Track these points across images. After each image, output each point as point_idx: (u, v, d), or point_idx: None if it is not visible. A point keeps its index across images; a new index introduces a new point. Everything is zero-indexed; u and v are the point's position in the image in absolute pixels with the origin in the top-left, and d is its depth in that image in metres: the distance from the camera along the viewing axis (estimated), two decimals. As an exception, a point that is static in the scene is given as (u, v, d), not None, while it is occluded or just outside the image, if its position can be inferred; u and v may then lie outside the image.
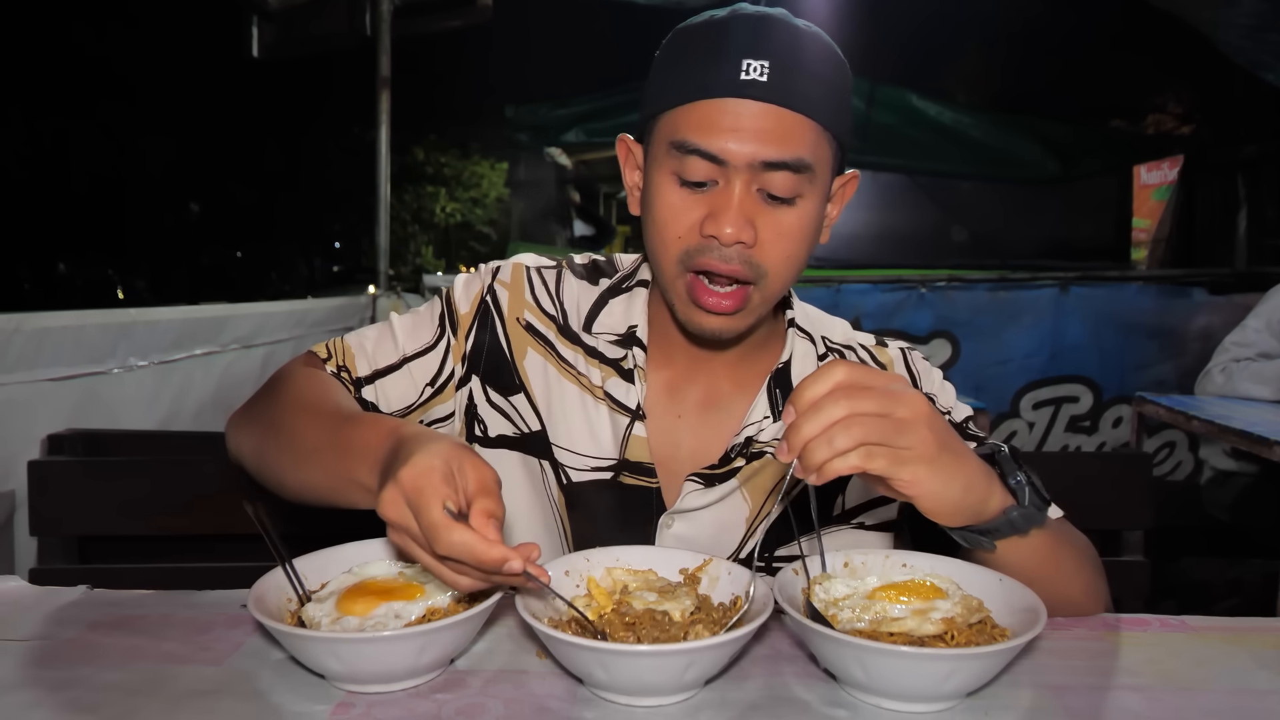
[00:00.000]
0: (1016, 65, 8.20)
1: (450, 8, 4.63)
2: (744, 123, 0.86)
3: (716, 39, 0.89)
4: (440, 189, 18.74)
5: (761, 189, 0.88)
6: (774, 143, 0.86)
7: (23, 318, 2.08)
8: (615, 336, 1.04)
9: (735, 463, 1.01)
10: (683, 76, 0.89)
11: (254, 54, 4.45)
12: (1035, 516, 0.81)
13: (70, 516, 1.38)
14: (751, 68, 0.85)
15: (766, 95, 0.86)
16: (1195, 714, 0.70)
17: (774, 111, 0.86)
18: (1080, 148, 6.27)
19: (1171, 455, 4.42)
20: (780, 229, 0.89)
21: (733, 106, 0.86)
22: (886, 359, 1.11)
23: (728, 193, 0.87)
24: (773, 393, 1.02)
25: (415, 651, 0.70)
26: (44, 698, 0.70)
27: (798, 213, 0.90)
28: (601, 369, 1.03)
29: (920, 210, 7.19)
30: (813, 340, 1.08)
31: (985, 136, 6.00)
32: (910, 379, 1.08)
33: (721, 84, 0.86)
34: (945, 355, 4.52)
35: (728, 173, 0.87)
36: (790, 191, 0.88)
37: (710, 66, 0.87)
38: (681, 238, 0.90)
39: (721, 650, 0.69)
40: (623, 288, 1.07)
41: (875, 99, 5.90)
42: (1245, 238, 6.17)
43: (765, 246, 0.89)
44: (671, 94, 0.90)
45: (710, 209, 0.88)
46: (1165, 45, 6.43)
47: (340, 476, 0.82)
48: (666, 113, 0.91)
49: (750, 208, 0.88)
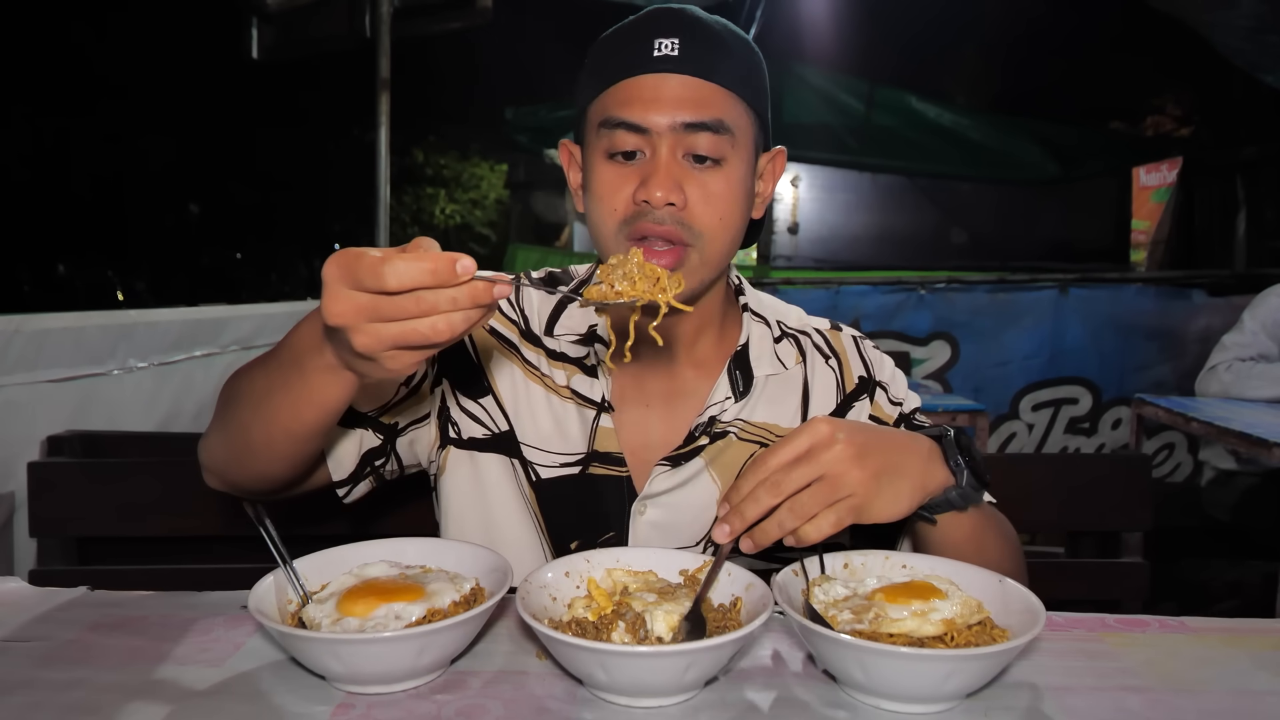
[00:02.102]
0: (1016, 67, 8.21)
1: (450, 8, 4.63)
2: (663, 93, 0.93)
3: (632, 28, 0.97)
4: (440, 191, 18.74)
5: (687, 153, 0.94)
6: (691, 106, 0.93)
7: (23, 319, 2.08)
8: (577, 336, 1.07)
9: (699, 441, 1.04)
10: (604, 65, 0.97)
11: (254, 55, 4.45)
12: (972, 496, 0.90)
13: (70, 518, 1.38)
14: (663, 45, 0.93)
15: (680, 67, 0.93)
16: (1194, 715, 0.70)
17: (689, 81, 0.94)
18: (1080, 149, 6.29)
19: (1171, 456, 4.43)
20: (708, 191, 0.94)
21: (651, 81, 0.94)
22: (839, 344, 1.15)
23: (655, 159, 0.93)
24: (733, 374, 1.06)
25: (415, 652, 0.70)
26: (44, 698, 0.70)
27: (724, 175, 0.95)
28: (565, 368, 1.06)
29: (920, 212, 7.20)
30: (768, 324, 1.12)
31: (985, 138, 6.02)
32: (863, 366, 1.13)
33: (638, 63, 0.94)
34: (945, 357, 4.53)
35: (653, 141, 0.93)
36: (714, 151, 0.94)
37: (627, 50, 0.95)
38: (617, 210, 0.95)
39: (721, 651, 0.69)
40: (579, 292, 1.10)
41: (875, 101, 5.92)
42: (1244, 239, 6.18)
43: (695, 208, 0.94)
44: (596, 82, 0.98)
45: (641, 177, 0.94)
46: (1164, 47, 6.43)
47: (297, 377, 0.81)
48: (594, 101, 0.98)
49: (677, 171, 0.93)
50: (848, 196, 7.08)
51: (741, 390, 1.06)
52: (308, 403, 0.82)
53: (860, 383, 1.12)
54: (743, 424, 1.06)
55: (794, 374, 1.10)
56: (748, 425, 1.06)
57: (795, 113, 5.98)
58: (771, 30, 5.88)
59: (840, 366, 1.13)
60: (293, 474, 0.95)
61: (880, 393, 1.12)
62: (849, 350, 1.14)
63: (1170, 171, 5.91)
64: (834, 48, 6.51)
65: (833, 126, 5.95)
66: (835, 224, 7.32)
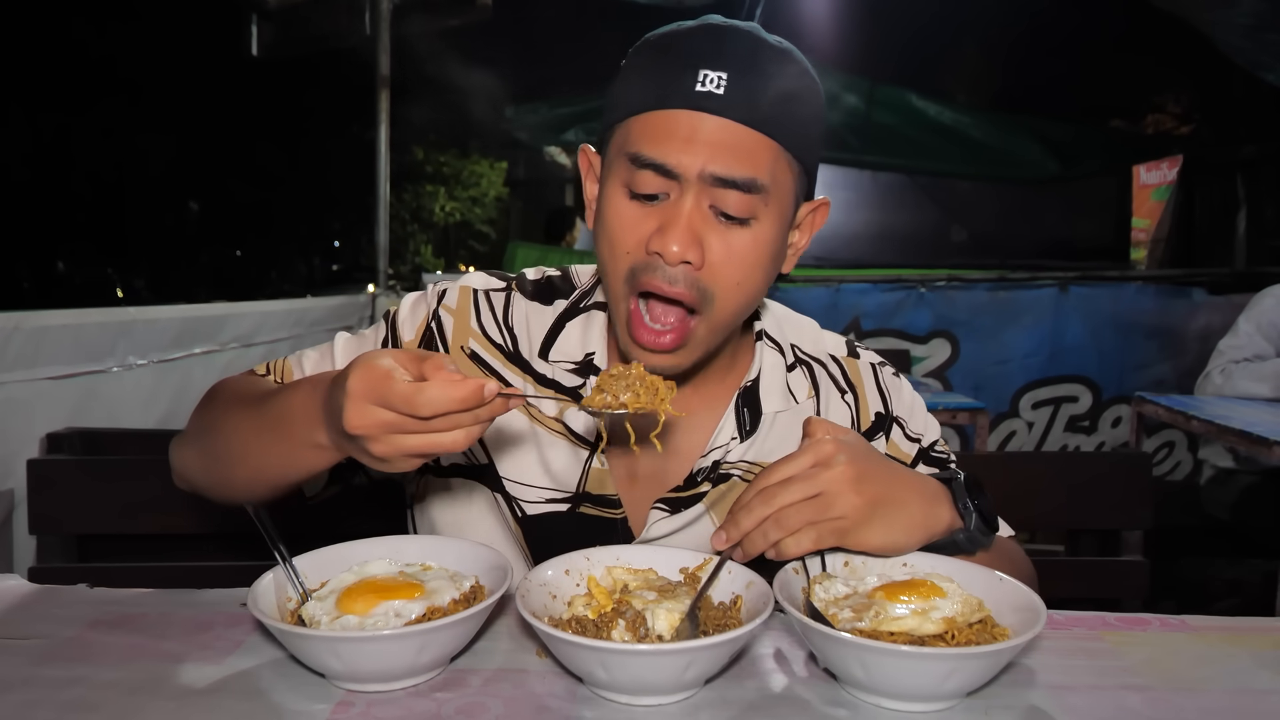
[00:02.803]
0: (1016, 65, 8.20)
1: (450, 7, 4.62)
2: (697, 135, 0.82)
3: (677, 48, 0.85)
4: (439, 188, 18.72)
5: (714, 205, 0.84)
6: (725, 158, 0.82)
7: (22, 316, 2.08)
8: (572, 365, 0.99)
9: (701, 487, 0.98)
10: (640, 86, 0.86)
11: (253, 53, 4.45)
12: (980, 540, 0.89)
13: (69, 515, 1.38)
14: (708, 79, 0.82)
15: (722, 109, 0.82)
16: (1195, 713, 0.70)
17: (729, 126, 0.82)
18: (1080, 147, 6.28)
19: (1171, 455, 4.42)
20: (731, 249, 0.85)
21: (687, 118, 0.83)
22: (856, 375, 1.07)
23: (677, 206, 0.84)
24: (740, 412, 0.99)
25: (415, 650, 0.70)
26: (44, 696, 0.70)
27: (752, 235, 0.85)
28: (557, 400, 0.98)
29: (920, 210, 7.19)
30: (781, 350, 1.04)
31: (985, 136, 6.01)
32: (880, 397, 1.06)
33: (677, 94, 0.83)
34: (945, 355, 4.52)
35: (679, 186, 0.84)
36: (743, 211, 0.84)
37: (667, 76, 0.84)
38: (630, 253, 0.86)
39: (721, 649, 0.69)
40: (580, 308, 1.01)
41: (875, 99, 5.91)
42: (1244, 238, 6.18)
43: (714, 268, 0.85)
44: (628, 103, 0.87)
45: (660, 222, 0.84)
46: (1165, 45, 6.42)
47: (286, 446, 0.82)
48: (622, 122, 0.88)
49: (699, 224, 0.84)
50: (848, 194, 7.07)
51: (749, 429, 0.99)
52: (293, 467, 0.83)
53: (876, 420, 1.05)
54: (748, 465, 0.99)
55: (805, 409, 1.02)
56: (753, 467, 0.99)
57: (795, 111, 5.97)
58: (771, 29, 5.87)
59: (856, 401, 1.06)
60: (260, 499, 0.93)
61: (897, 429, 1.06)
62: (866, 382, 1.07)
63: (1170, 170, 5.90)
64: (834, 46, 6.50)
65: (833, 125, 5.94)
66: (835, 222, 7.29)
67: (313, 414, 0.78)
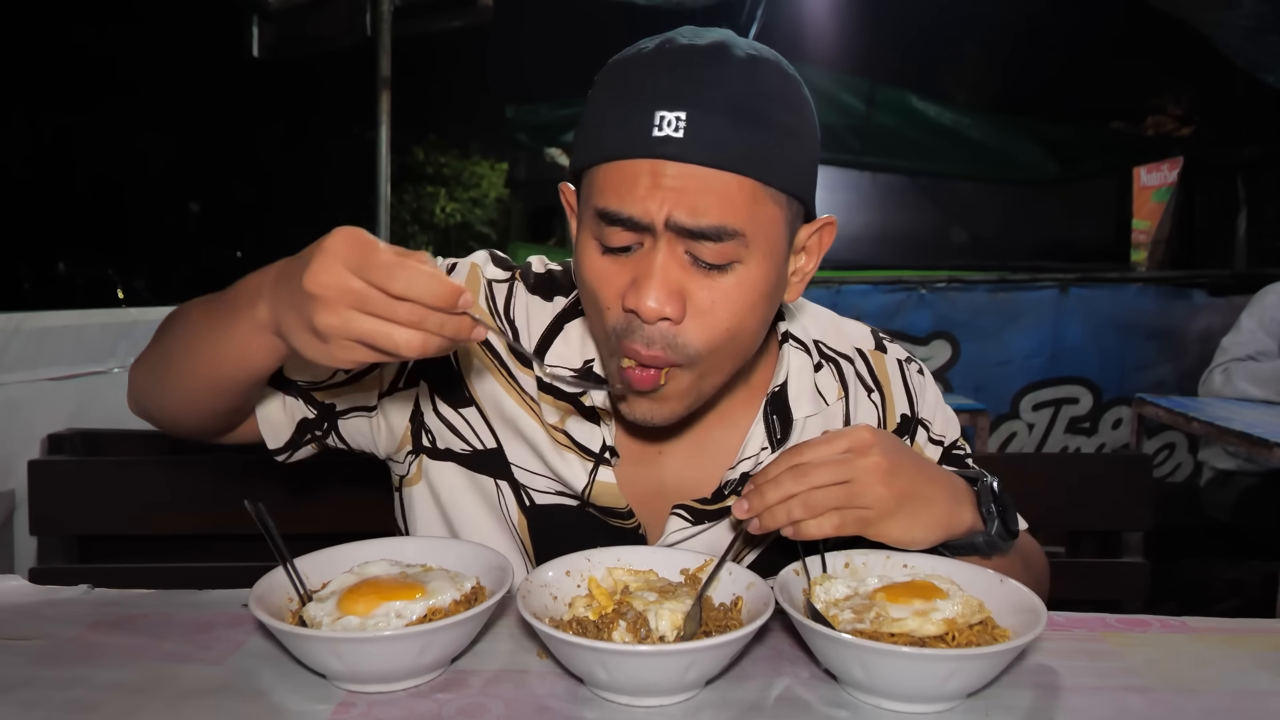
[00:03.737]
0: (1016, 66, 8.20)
1: (450, 8, 4.63)
2: (660, 184, 0.74)
3: (634, 82, 0.77)
4: (440, 189, 18.72)
5: (689, 253, 0.77)
6: (691, 206, 0.74)
7: (23, 317, 2.08)
8: (571, 372, 0.92)
9: (729, 500, 0.93)
10: (602, 129, 0.78)
11: (254, 53, 4.45)
12: (999, 545, 0.88)
13: (70, 516, 1.38)
14: (665, 121, 0.73)
15: (683, 154, 0.73)
16: (1196, 715, 0.70)
17: (693, 172, 0.74)
18: (1080, 149, 6.29)
19: (1171, 456, 4.42)
20: (714, 297, 0.77)
21: (648, 167, 0.74)
22: (882, 372, 1.03)
23: (650, 258, 0.76)
24: (769, 420, 0.94)
25: (416, 651, 0.70)
26: (45, 697, 0.70)
27: (736, 279, 0.77)
28: (558, 406, 0.91)
29: (920, 211, 7.19)
30: (807, 350, 0.98)
31: (985, 137, 6.02)
32: (907, 397, 1.03)
33: (636, 141, 0.74)
34: (945, 356, 4.52)
35: (650, 236, 0.76)
36: (721, 259, 0.76)
37: (626, 119, 0.75)
38: (609, 308, 0.80)
39: (722, 650, 0.69)
40: (580, 310, 0.93)
41: (875, 100, 5.92)
42: (1245, 239, 6.18)
43: (697, 320, 0.78)
44: (591, 149, 0.79)
45: (634, 275, 0.77)
46: (1166, 47, 6.43)
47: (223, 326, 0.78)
48: (588, 170, 0.80)
49: (676, 275, 0.76)
50: (848, 196, 7.07)
51: (780, 438, 0.94)
52: (229, 355, 0.79)
53: (902, 421, 1.02)
54: None
55: (835, 410, 0.98)
56: None
57: (796, 112, 5.98)
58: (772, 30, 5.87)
59: (883, 400, 1.02)
60: (207, 423, 0.90)
61: (921, 431, 1.03)
62: (894, 380, 1.03)
63: (1171, 171, 5.90)
64: (835, 47, 6.50)
65: (834, 126, 5.95)
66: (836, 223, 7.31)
67: (262, 286, 0.74)
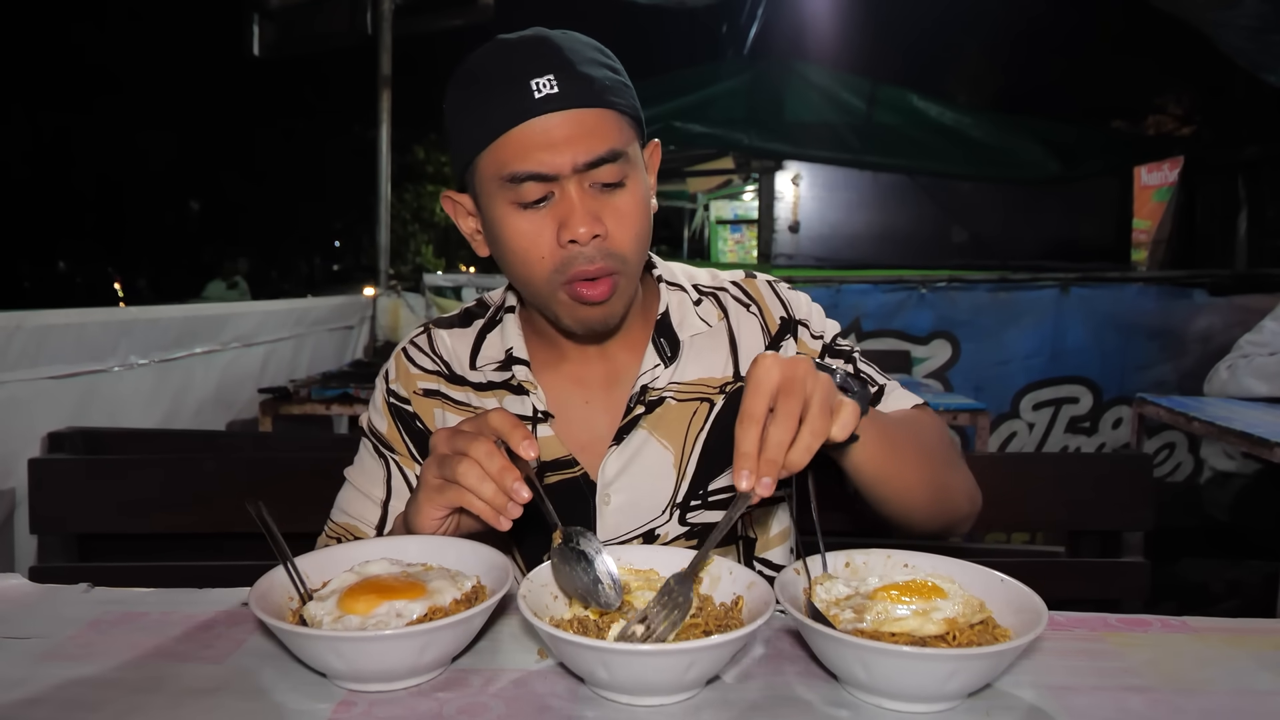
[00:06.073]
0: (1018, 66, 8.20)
1: (451, 7, 4.63)
2: (556, 134, 0.91)
3: (500, 71, 0.93)
4: (440, 188, 18.72)
5: (593, 184, 0.94)
6: (586, 144, 0.92)
7: (24, 316, 2.08)
8: (497, 363, 1.09)
9: (636, 411, 1.05)
10: (483, 114, 0.93)
11: (255, 52, 4.45)
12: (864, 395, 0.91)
13: (71, 514, 1.38)
14: (541, 85, 0.90)
15: (564, 103, 0.91)
16: (1197, 715, 0.70)
17: (576, 115, 0.92)
18: (1081, 148, 6.28)
19: (1172, 456, 4.42)
20: (620, 213, 0.95)
21: (540, 125, 0.91)
22: (756, 291, 1.17)
23: (566, 200, 0.93)
24: (658, 343, 1.08)
25: (417, 650, 0.70)
26: (45, 695, 0.70)
27: (629, 194, 0.96)
28: (495, 394, 1.09)
29: (921, 211, 7.19)
30: (684, 289, 1.14)
31: (986, 137, 6.01)
32: (782, 307, 1.15)
33: (521, 107, 0.91)
34: (946, 355, 4.53)
35: (560, 184, 0.93)
36: (617, 177, 0.94)
37: (506, 96, 0.91)
38: (545, 257, 0.95)
39: (723, 650, 0.69)
40: (495, 320, 1.12)
41: (876, 99, 5.91)
42: (1245, 239, 6.18)
43: (615, 234, 0.95)
44: (480, 134, 0.94)
45: (558, 220, 0.93)
46: (1166, 46, 6.43)
47: None
48: (482, 153, 0.95)
49: (590, 204, 0.93)
50: (849, 195, 7.07)
51: (670, 356, 1.07)
52: None
53: (782, 324, 1.14)
54: (677, 386, 1.08)
55: (719, 329, 1.12)
56: (682, 385, 1.08)
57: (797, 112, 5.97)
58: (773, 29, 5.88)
59: (761, 312, 1.15)
60: None
61: (803, 330, 1.14)
62: (765, 295, 1.16)
63: (1172, 171, 5.91)
64: (836, 46, 6.50)
65: (834, 125, 5.95)
66: (836, 222, 7.32)
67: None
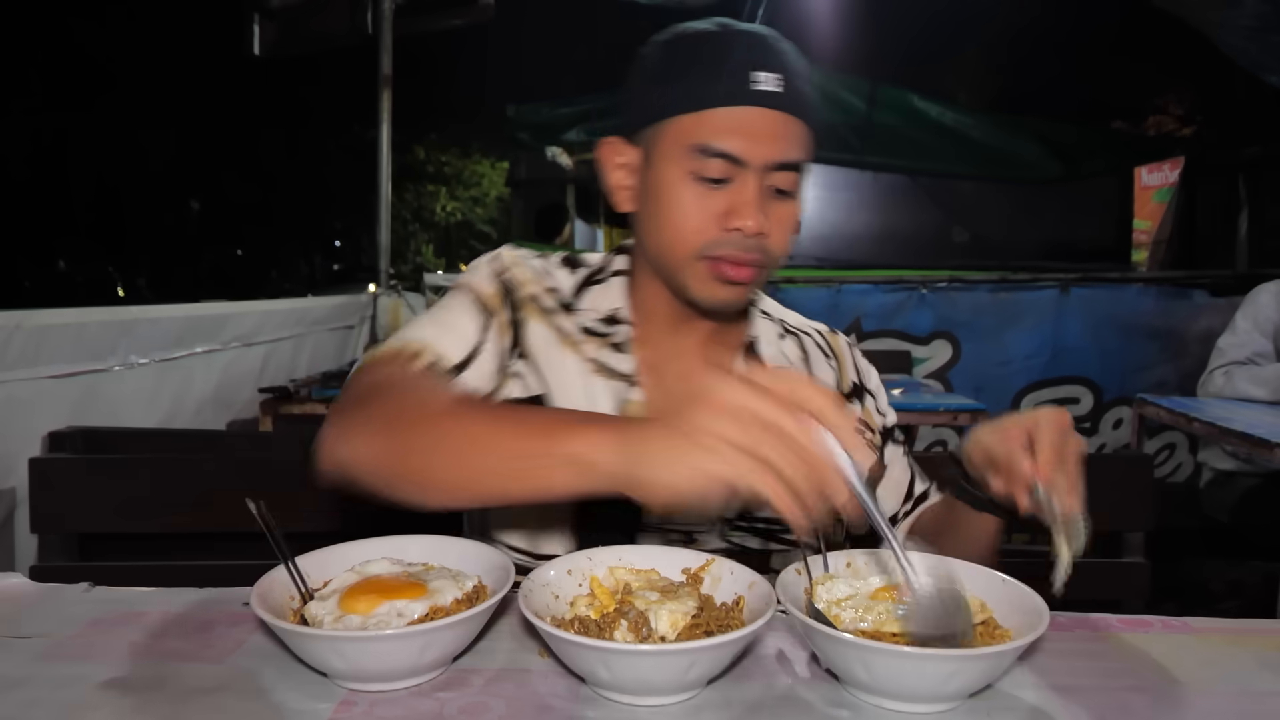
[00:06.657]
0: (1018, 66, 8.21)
1: (451, 7, 4.63)
2: (763, 129, 0.95)
3: (723, 51, 0.97)
4: (441, 188, 18.74)
5: (770, 185, 0.98)
6: (783, 146, 0.96)
7: (24, 315, 2.08)
8: (600, 315, 1.10)
9: None
10: (694, 84, 0.96)
11: (255, 52, 4.45)
12: None
13: (71, 514, 1.38)
14: (766, 79, 0.95)
15: (780, 104, 0.96)
16: (1198, 715, 0.70)
17: (787, 120, 0.96)
18: (1081, 149, 6.27)
19: (1172, 457, 4.42)
20: (782, 220, 1.00)
21: (754, 115, 0.95)
22: (837, 347, 1.23)
23: (745, 189, 0.96)
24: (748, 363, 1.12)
25: (418, 650, 0.70)
26: (45, 695, 0.70)
27: (793, 205, 1.01)
28: (592, 341, 1.08)
29: (921, 211, 7.18)
30: (773, 321, 1.19)
31: (986, 137, 6.00)
32: (856, 373, 1.21)
33: (738, 93, 0.95)
34: (946, 356, 4.52)
35: (745, 172, 0.96)
36: (791, 186, 0.99)
37: (724, 76, 0.95)
38: (700, 231, 0.97)
39: (724, 650, 0.69)
40: (596, 279, 1.13)
41: (877, 100, 5.91)
42: (1246, 240, 6.17)
43: (773, 236, 0.99)
44: (683, 100, 0.97)
45: (729, 205, 0.96)
46: (1167, 47, 6.43)
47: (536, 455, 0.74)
48: (677, 117, 0.97)
49: (764, 201, 0.97)
50: (849, 195, 7.07)
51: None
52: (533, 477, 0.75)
53: (854, 388, 1.20)
54: None
55: (798, 368, 1.16)
56: None
57: (797, 111, 5.97)
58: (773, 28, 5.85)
59: (839, 367, 1.20)
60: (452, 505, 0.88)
61: (870, 400, 1.20)
62: (845, 354, 1.22)
63: (1172, 171, 5.91)
64: (836, 47, 6.50)
65: (835, 125, 5.94)
66: (837, 223, 7.32)
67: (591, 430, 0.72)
